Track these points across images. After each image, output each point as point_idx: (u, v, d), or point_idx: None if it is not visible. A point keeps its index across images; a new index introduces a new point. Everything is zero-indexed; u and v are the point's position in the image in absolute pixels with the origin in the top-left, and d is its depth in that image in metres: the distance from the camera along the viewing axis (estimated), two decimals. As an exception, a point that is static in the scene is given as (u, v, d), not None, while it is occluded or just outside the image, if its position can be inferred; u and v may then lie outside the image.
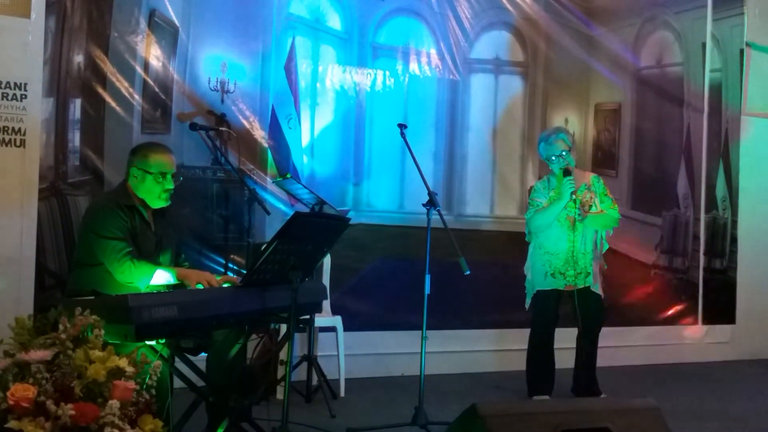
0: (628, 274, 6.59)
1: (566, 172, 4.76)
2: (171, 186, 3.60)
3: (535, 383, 4.96)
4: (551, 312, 4.95)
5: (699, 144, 6.94)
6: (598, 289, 4.92)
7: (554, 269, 4.87)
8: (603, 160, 6.56)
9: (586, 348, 4.94)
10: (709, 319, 6.95)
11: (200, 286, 3.44)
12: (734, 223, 7.08)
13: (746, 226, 7.11)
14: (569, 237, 4.83)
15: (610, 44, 6.58)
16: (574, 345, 5.06)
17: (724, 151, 7.06)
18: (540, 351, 4.97)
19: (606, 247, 5.08)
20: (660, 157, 6.82)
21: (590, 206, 4.87)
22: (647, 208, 6.71)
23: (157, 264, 3.55)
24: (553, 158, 4.85)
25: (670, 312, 6.79)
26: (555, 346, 4.98)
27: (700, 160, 6.94)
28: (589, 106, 6.55)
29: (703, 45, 6.94)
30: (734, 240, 7.09)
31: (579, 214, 4.79)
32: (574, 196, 4.75)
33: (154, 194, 3.57)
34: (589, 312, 4.84)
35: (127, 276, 3.39)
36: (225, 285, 3.59)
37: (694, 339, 6.89)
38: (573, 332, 5.03)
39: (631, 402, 2.90)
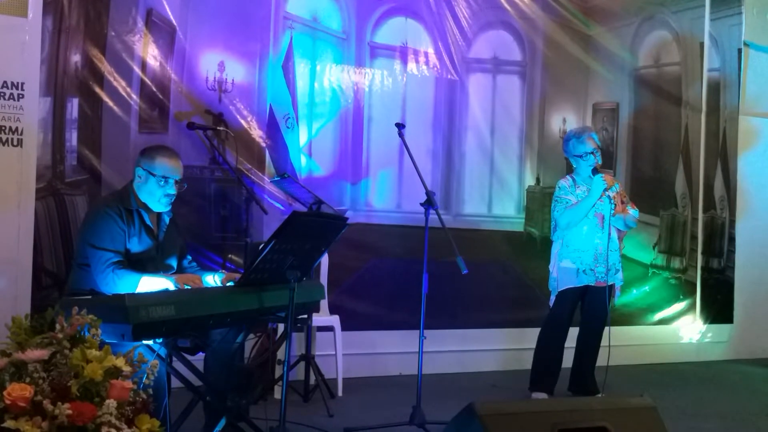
0: (626, 274, 6.56)
1: (596, 171, 4.87)
2: (173, 191, 3.57)
3: (540, 379, 4.98)
4: (571, 310, 5.01)
5: (697, 143, 6.95)
6: (620, 288, 5.07)
7: (585, 266, 4.91)
8: (601, 159, 6.55)
9: (595, 345, 4.99)
10: (707, 318, 6.97)
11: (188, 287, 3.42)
12: (732, 222, 7.10)
13: (744, 225, 7.13)
14: (598, 234, 4.91)
15: (608, 44, 6.59)
16: (572, 344, 5.07)
17: (722, 150, 7.07)
18: (553, 348, 4.99)
19: (623, 246, 5.17)
20: (658, 157, 6.83)
21: (616, 205, 4.93)
22: (645, 207, 6.68)
23: (156, 270, 3.53)
24: (584, 155, 4.91)
25: (667, 311, 6.80)
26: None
27: (698, 160, 6.95)
28: (587, 106, 6.56)
29: (701, 44, 6.95)
30: (732, 239, 7.10)
31: (612, 211, 4.86)
32: (607, 193, 4.83)
33: (155, 197, 3.55)
34: (606, 309, 4.90)
35: (111, 287, 3.34)
36: (229, 283, 3.58)
37: (691, 338, 6.90)
38: (572, 331, 5.03)
39: (628, 401, 2.90)
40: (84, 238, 3.47)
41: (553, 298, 5.05)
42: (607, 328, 4.92)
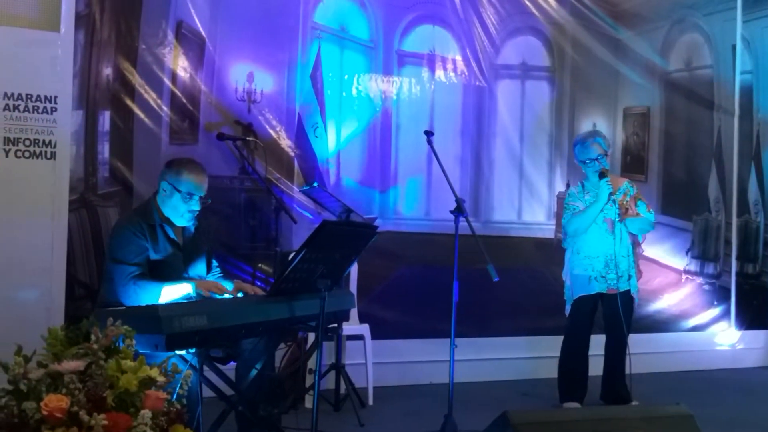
0: (659, 280, 6.52)
1: (602, 175, 4.77)
2: (197, 208, 3.59)
3: (567, 389, 4.92)
4: (589, 318, 4.94)
5: (730, 147, 6.86)
6: (636, 294, 4.93)
7: (597, 273, 4.84)
8: (632, 164, 6.50)
9: (619, 354, 4.89)
10: (742, 324, 6.86)
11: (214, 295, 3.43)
12: (767, 227, 6.98)
13: (779, 229, 7.01)
14: (608, 240, 4.83)
15: (638, 48, 6.52)
16: (602, 352, 5.00)
17: (755, 153, 6.97)
18: (575, 357, 4.93)
19: (642, 251, 5.09)
20: (690, 161, 6.75)
21: (626, 209, 4.86)
22: (678, 212, 6.64)
23: (182, 278, 3.55)
24: (588, 162, 4.84)
25: (702, 317, 6.71)
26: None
27: (731, 164, 6.86)
28: (617, 111, 6.50)
29: (733, 47, 6.87)
30: (767, 244, 6.99)
31: (618, 215, 4.78)
32: (612, 197, 4.74)
33: (178, 212, 3.57)
34: (625, 317, 4.80)
35: (133, 299, 3.37)
36: (239, 294, 3.60)
37: (727, 345, 6.79)
38: (601, 339, 4.97)
39: (664, 409, 2.87)
40: (109, 253, 3.52)
41: (568, 307, 4.99)
42: (599, 337, 4.85)
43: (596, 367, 5.01)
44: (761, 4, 6.92)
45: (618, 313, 4.77)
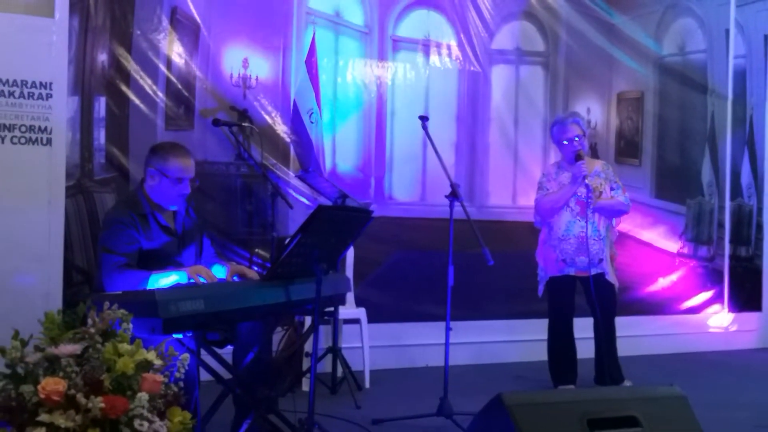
0: (653, 263, 6.56)
1: (578, 157, 4.75)
2: (187, 191, 3.57)
3: (558, 373, 4.95)
4: (567, 300, 4.92)
5: (723, 131, 6.88)
6: (610, 278, 4.89)
7: (566, 255, 4.84)
8: (626, 149, 6.52)
9: (604, 337, 4.89)
10: (736, 306, 6.90)
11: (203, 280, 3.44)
12: (760, 210, 7.03)
13: (772, 212, 7.05)
14: (580, 222, 4.80)
15: (632, 32, 6.52)
16: (592, 334, 5.02)
17: (749, 137, 7.00)
18: (560, 340, 4.94)
19: (616, 234, 5.09)
20: (684, 145, 6.77)
21: (600, 192, 4.85)
22: (671, 196, 6.66)
23: (180, 265, 3.56)
24: (565, 142, 4.83)
25: (695, 300, 6.75)
26: (574, 335, 4.97)
27: (724, 148, 6.88)
28: (611, 95, 6.51)
29: (727, 31, 6.87)
30: (760, 227, 7.03)
31: (589, 199, 4.76)
32: (586, 181, 4.73)
33: (170, 197, 3.55)
34: (602, 300, 4.79)
35: (117, 288, 3.31)
36: (234, 277, 3.61)
37: (720, 327, 6.84)
38: (591, 321, 4.98)
39: (657, 390, 2.89)
40: (100, 244, 3.51)
41: (541, 287, 5.01)
42: (590, 319, 4.87)
43: (588, 349, 5.03)
44: (755, -12, 6.93)
45: (597, 297, 4.75)
